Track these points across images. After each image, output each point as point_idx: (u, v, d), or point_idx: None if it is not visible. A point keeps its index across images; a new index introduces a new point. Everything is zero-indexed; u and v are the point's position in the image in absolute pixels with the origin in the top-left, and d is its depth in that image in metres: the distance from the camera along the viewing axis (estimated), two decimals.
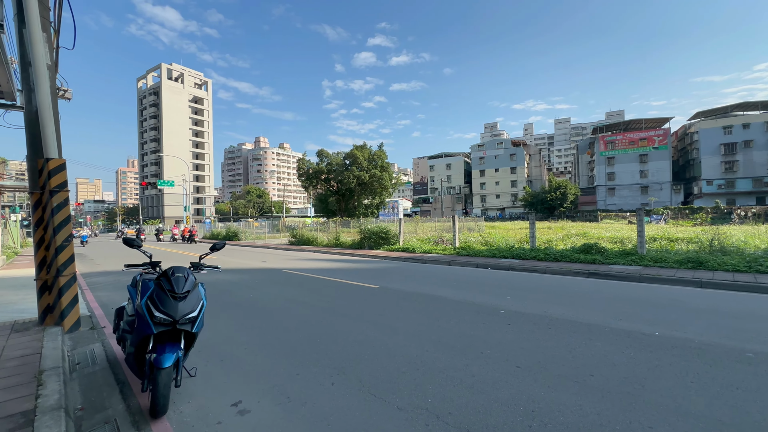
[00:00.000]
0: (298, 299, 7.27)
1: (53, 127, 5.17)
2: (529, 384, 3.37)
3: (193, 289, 3.23)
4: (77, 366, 4.17)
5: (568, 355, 4.00)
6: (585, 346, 4.25)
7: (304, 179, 46.32)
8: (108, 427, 2.89)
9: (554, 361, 3.85)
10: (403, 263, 13.03)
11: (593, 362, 3.79)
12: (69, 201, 5.40)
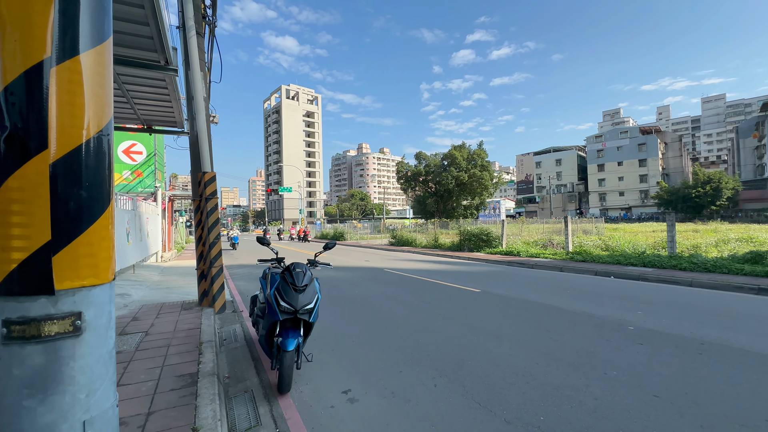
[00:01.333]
0: (400, 298, 7.48)
1: (207, 146, 6.41)
2: (674, 419, 2.80)
3: (310, 284, 3.62)
4: (224, 342, 5.07)
5: (731, 392, 3.20)
6: (759, 384, 3.34)
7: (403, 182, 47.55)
8: (247, 396, 3.43)
9: (709, 397, 3.12)
10: (507, 267, 12.27)
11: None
12: (218, 206, 6.62)
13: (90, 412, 0.83)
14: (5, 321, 0.78)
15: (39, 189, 0.80)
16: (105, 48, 0.87)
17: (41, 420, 0.77)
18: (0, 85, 0.76)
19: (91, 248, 0.88)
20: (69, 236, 0.84)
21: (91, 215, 0.87)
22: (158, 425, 2.63)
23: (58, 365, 0.81)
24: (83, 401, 0.83)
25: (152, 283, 9.64)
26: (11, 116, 0.77)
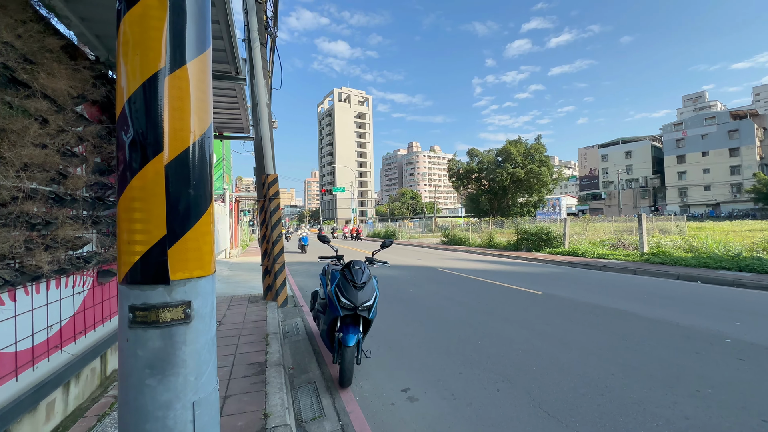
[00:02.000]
0: (456, 298, 7.32)
1: (270, 150, 6.81)
2: None
3: (369, 281, 3.67)
4: (287, 334, 5.35)
5: None
6: None
7: (455, 179, 46.59)
8: (310, 387, 3.58)
9: None
10: (570, 268, 11.45)
11: None
12: (280, 206, 7.00)
13: (198, 393, 0.92)
14: (131, 307, 0.89)
15: (156, 188, 0.89)
16: (206, 56, 0.95)
17: (160, 398, 0.87)
18: (125, 95, 0.86)
19: (197, 242, 0.97)
20: (180, 231, 0.93)
21: (198, 212, 0.96)
22: (234, 408, 2.84)
23: (173, 349, 0.91)
24: (193, 383, 0.91)
25: (222, 278, 10.49)
26: (134, 123, 0.88)
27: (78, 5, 2.80)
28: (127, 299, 0.91)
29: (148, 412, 0.87)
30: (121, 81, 0.90)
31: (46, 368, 2.50)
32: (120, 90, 0.91)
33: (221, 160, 17.22)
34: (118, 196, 0.92)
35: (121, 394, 0.90)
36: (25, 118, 2.13)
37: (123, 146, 0.91)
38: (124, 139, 0.90)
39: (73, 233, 2.68)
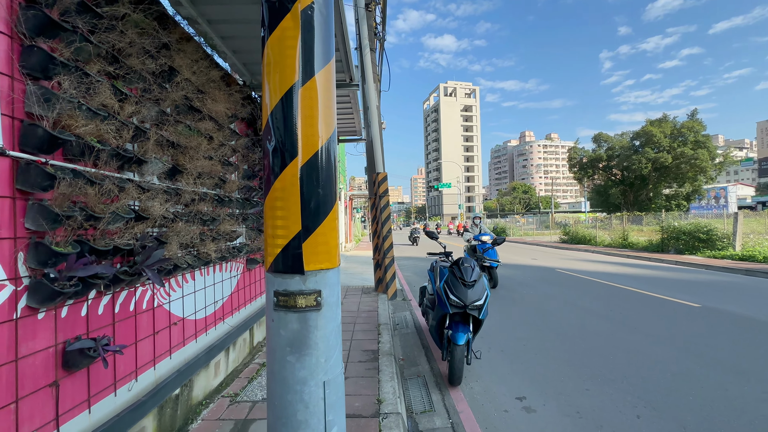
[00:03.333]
0: (578, 304, 6.50)
1: (380, 150, 7.16)
2: None
3: (479, 280, 3.54)
4: (397, 326, 5.56)
5: None
6: None
7: (577, 170, 41.20)
8: (419, 381, 3.65)
9: None
10: (744, 277, 8.95)
11: None
12: (389, 203, 7.32)
13: (328, 374, 1.04)
14: (275, 292, 1.06)
15: (293, 189, 1.04)
16: (330, 66, 1.06)
17: (298, 374, 1.01)
18: (268, 110, 1.03)
19: (325, 237, 1.09)
20: (312, 227, 1.06)
21: (326, 209, 1.08)
22: (351, 389, 3.09)
23: (307, 332, 1.04)
24: (323, 365, 1.04)
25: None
26: (275, 133, 1.04)
27: (230, 41, 3.42)
28: (272, 285, 1.08)
29: (289, 384, 1.02)
30: (265, 98, 1.08)
31: (214, 335, 3.14)
32: (264, 106, 1.08)
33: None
34: (264, 196, 1.10)
35: (268, 364, 1.08)
36: (198, 137, 2.70)
37: (267, 154, 1.08)
38: (268, 148, 1.08)
39: (230, 228, 3.30)
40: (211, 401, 2.96)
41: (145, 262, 1.97)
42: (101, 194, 1.80)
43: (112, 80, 1.92)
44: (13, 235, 1.49)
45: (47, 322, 1.64)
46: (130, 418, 1.97)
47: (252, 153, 3.86)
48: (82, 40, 1.71)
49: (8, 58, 1.49)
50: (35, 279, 1.55)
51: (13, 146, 1.49)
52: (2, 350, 1.43)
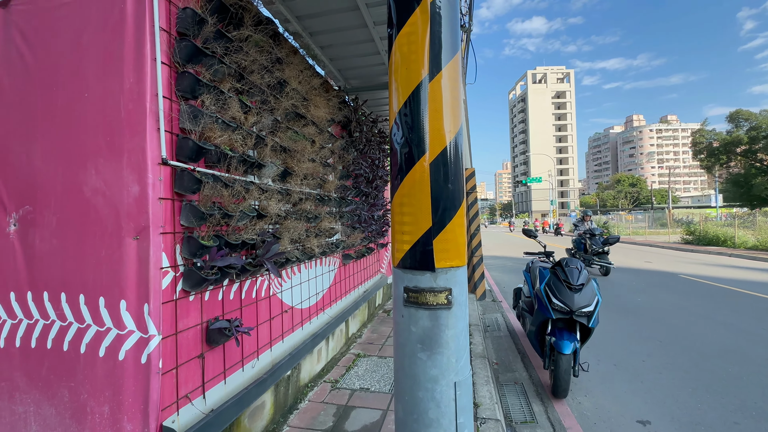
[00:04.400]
0: (715, 317, 5.40)
1: (467, 145, 6.93)
2: None
3: (588, 284, 3.17)
4: (487, 328, 5.33)
5: None
6: None
7: (704, 157, 34.35)
8: (517, 388, 3.43)
9: None
10: None
11: None
12: (477, 200, 7.04)
13: (458, 375, 1.03)
14: (405, 288, 1.08)
15: (422, 185, 1.05)
16: (457, 58, 1.04)
17: (429, 372, 1.02)
18: (396, 109, 1.05)
19: (454, 234, 1.08)
20: (441, 223, 1.06)
21: (454, 206, 1.07)
22: None
23: (439, 330, 1.04)
24: (454, 365, 1.03)
25: None
26: (403, 130, 1.06)
27: (328, 50, 3.65)
28: (402, 281, 1.10)
29: (420, 381, 1.04)
30: (392, 97, 1.10)
31: (317, 323, 3.40)
32: (391, 105, 1.11)
33: None
34: (392, 194, 1.13)
35: (397, 359, 1.11)
36: (303, 141, 2.94)
37: (395, 152, 1.10)
38: (396, 147, 1.10)
39: (329, 225, 3.53)
40: (315, 385, 3.20)
41: (265, 255, 2.21)
42: (232, 195, 2.07)
43: (239, 95, 2.19)
44: (173, 230, 1.80)
45: (196, 304, 1.94)
46: (255, 392, 2.23)
47: (347, 154, 4.07)
48: (219, 62, 1.98)
49: (168, 84, 1.80)
50: (188, 267, 1.85)
51: (171, 157, 1.80)
52: (167, 325, 1.75)
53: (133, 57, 1.69)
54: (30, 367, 1.78)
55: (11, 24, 1.85)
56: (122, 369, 1.66)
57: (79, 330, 1.72)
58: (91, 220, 1.71)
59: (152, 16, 1.70)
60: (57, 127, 1.77)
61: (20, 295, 1.80)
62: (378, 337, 4.48)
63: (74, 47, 1.76)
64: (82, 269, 1.72)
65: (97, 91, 1.72)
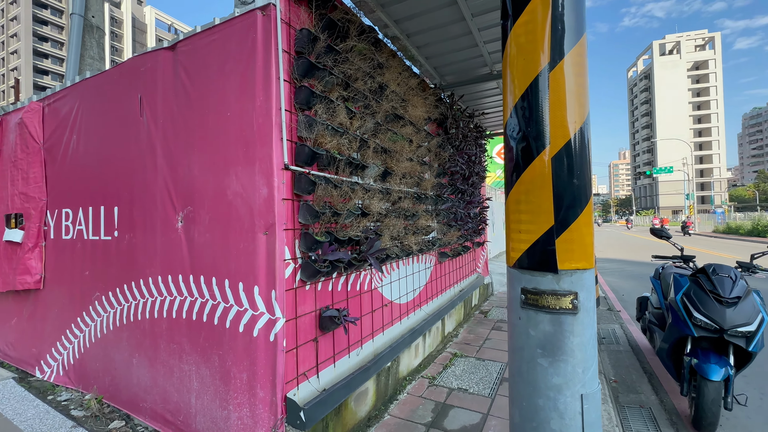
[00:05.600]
0: None
1: None
2: None
3: (747, 297, 2.56)
4: (602, 340, 4.71)
5: None
6: None
7: None
8: (644, 413, 2.96)
9: None
10: None
11: None
12: None
13: (585, 387, 0.95)
14: (522, 289, 1.05)
15: (543, 181, 1.00)
16: (582, 42, 0.96)
17: (550, 380, 0.97)
18: (511, 103, 1.02)
19: (580, 234, 1.00)
20: (566, 222, 1.00)
21: (581, 203, 0.99)
22: None
23: (562, 336, 0.99)
24: (580, 376, 0.96)
25: None
26: (521, 124, 1.02)
27: (424, 49, 3.68)
28: (518, 282, 1.07)
29: (540, 388, 0.99)
30: (506, 91, 1.07)
31: (414, 319, 3.48)
32: (506, 99, 1.08)
33: None
34: (507, 191, 1.11)
35: (514, 362, 1.08)
36: (402, 141, 3.02)
37: (511, 148, 1.07)
38: (511, 142, 1.06)
39: (425, 222, 3.57)
40: (413, 379, 3.28)
41: (368, 250, 2.35)
42: (340, 195, 2.25)
43: (345, 102, 2.37)
44: (293, 227, 2.05)
45: (311, 293, 2.18)
46: (360, 378, 2.40)
47: (443, 151, 4.05)
48: (329, 74, 2.17)
49: (289, 98, 2.04)
50: (304, 260, 2.09)
51: (291, 162, 2.04)
52: (289, 310, 2.00)
53: (263, 78, 1.96)
54: (191, 334, 2.23)
55: (177, 63, 2.33)
56: (256, 344, 1.96)
57: (225, 308, 2.09)
58: (233, 218, 2.06)
59: (277, 41, 1.95)
60: (208, 142, 2.17)
61: (185, 277, 2.27)
62: (475, 338, 4.35)
63: (219, 75, 2.13)
64: (227, 258, 2.07)
65: (236, 109, 2.05)
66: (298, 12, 2.15)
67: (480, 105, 5.32)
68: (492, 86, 4.62)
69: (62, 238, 3.08)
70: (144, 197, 2.50)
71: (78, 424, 2.50)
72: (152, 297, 2.43)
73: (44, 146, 3.23)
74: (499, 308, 5.76)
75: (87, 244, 2.87)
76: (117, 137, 2.68)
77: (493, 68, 4.13)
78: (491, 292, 6.86)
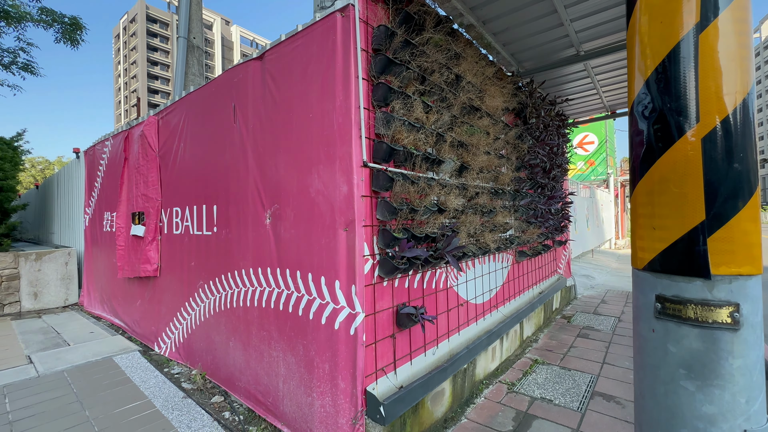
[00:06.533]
0: None
1: None
2: None
3: None
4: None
5: None
6: None
7: None
8: None
9: None
10: None
11: None
12: None
13: (750, 422, 0.79)
14: (658, 296, 0.90)
15: (689, 167, 0.85)
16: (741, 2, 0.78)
17: (699, 408, 0.82)
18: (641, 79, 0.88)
19: (742, 231, 0.83)
20: (722, 217, 0.83)
21: (743, 193, 0.82)
22: None
23: (716, 357, 0.83)
24: (743, 406, 0.79)
25: (611, 269, 9.68)
26: (655, 102, 0.87)
27: (501, 35, 3.46)
28: (651, 287, 0.92)
29: (684, 416, 0.83)
30: (634, 63, 0.92)
31: (490, 321, 3.31)
32: (632, 74, 0.93)
33: (603, 142, 15.93)
34: (634, 182, 0.96)
35: (644, 380, 0.93)
36: (478, 134, 2.88)
37: (640, 131, 0.92)
38: (641, 124, 0.92)
39: (503, 219, 3.36)
40: (490, 383, 3.13)
41: (446, 248, 2.28)
42: (417, 192, 2.22)
43: (421, 96, 2.33)
44: (371, 223, 2.07)
45: (388, 290, 2.18)
46: (437, 378, 2.35)
47: (521, 143, 3.78)
48: (405, 69, 2.14)
49: (367, 96, 2.06)
50: (382, 256, 2.10)
51: (369, 159, 2.06)
52: (368, 305, 2.02)
53: (342, 78, 2.01)
54: (279, 323, 2.40)
55: (265, 71, 2.51)
56: (337, 337, 2.03)
57: (308, 301, 2.19)
58: (315, 214, 2.15)
59: (355, 40, 1.98)
60: (293, 143, 2.30)
61: (273, 270, 2.44)
62: (558, 345, 4.01)
63: (302, 78, 2.24)
64: (310, 253, 2.18)
65: (318, 110, 2.13)
66: (375, 9, 2.16)
67: (563, 91, 4.85)
68: (577, 69, 4.18)
69: (173, 233, 3.55)
70: (238, 196, 2.75)
71: (187, 395, 2.85)
72: (245, 287, 2.67)
73: (159, 153, 3.75)
74: (584, 314, 5.24)
75: (192, 239, 3.27)
76: (215, 143, 2.99)
77: (580, 48, 3.72)
78: (574, 296, 6.27)
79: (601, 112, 5.86)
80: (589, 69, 4.21)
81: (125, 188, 4.29)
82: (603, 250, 13.99)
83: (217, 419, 2.53)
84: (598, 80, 4.58)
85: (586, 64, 4.03)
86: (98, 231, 5.22)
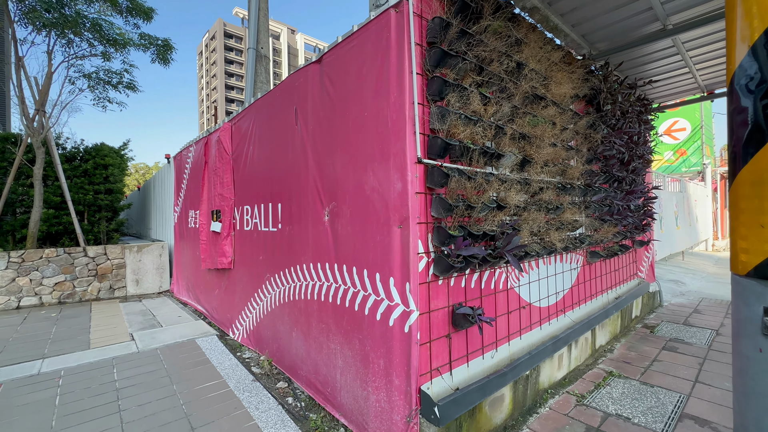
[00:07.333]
0: None
1: None
2: None
3: None
4: None
5: None
6: None
7: None
8: None
9: None
10: None
11: None
12: None
13: None
14: (767, 309, 0.76)
15: None
16: None
17: None
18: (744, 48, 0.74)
19: None
20: None
21: None
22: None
23: None
24: None
25: (707, 275, 8.40)
26: (764, 66, 0.73)
27: (569, 15, 3.17)
28: (758, 297, 0.77)
29: None
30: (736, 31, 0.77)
31: (556, 326, 3.07)
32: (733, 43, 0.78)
33: (698, 129, 13.84)
34: (734, 171, 0.81)
35: (747, 412, 0.78)
36: (543, 125, 2.67)
37: (743, 110, 0.77)
38: (744, 100, 0.77)
39: (571, 217, 3.09)
40: (556, 393, 2.91)
41: (506, 246, 2.16)
42: (474, 187, 2.13)
43: (478, 88, 2.22)
44: (426, 220, 2.03)
45: (443, 288, 2.13)
46: (496, 383, 2.24)
47: (594, 133, 3.43)
48: (461, 60, 2.07)
49: (422, 91, 2.03)
50: (437, 254, 2.05)
51: (424, 155, 2.03)
52: (422, 303, 2.00)
53: (396, 74, 2.00)
54: (337, 317, 2.48)
55: (323, 73, 2.60)
56: (392, 333, 2.04)
57: (364, 296, 2.23)
58: (370, 212, 2.18)
59: (409, 35, 1.95)
60: (349, 142, 2.35)
61: (331, 265, 2.53)
62: (638, 358, 3.58)
63: (357, 77, 2.27)
64: (365, 250, 2.21)
65: (373, 108, 2.15)
66: (430, 2, 2.11)
67: (645, 72, 4.30)
68: (664, 45, 3.67)
69: (244, 229, 3.87)
70: (299, 195, 2.89)
71: (256, 379, 3.09)
72: (306, 281, 2.81)
73: (232, 156, 4.10)
74: (671, 324, 4.61)
75: (261, 235, 3.52)
76: (279, 145, 3.19)
77: (667, 22, 3.26)
78: (659, 303, 5.56)
79: (694, 93, 5.08)
80: (678, 44, 3.68)
81: (206, 188, 4.77)
82: (697, 252, 12.20)
83: (281, 403, 2.70)
84: (690, 57, 3.98)
85: (675, 39, 3.53)
86: (184, 227, 5.89)
